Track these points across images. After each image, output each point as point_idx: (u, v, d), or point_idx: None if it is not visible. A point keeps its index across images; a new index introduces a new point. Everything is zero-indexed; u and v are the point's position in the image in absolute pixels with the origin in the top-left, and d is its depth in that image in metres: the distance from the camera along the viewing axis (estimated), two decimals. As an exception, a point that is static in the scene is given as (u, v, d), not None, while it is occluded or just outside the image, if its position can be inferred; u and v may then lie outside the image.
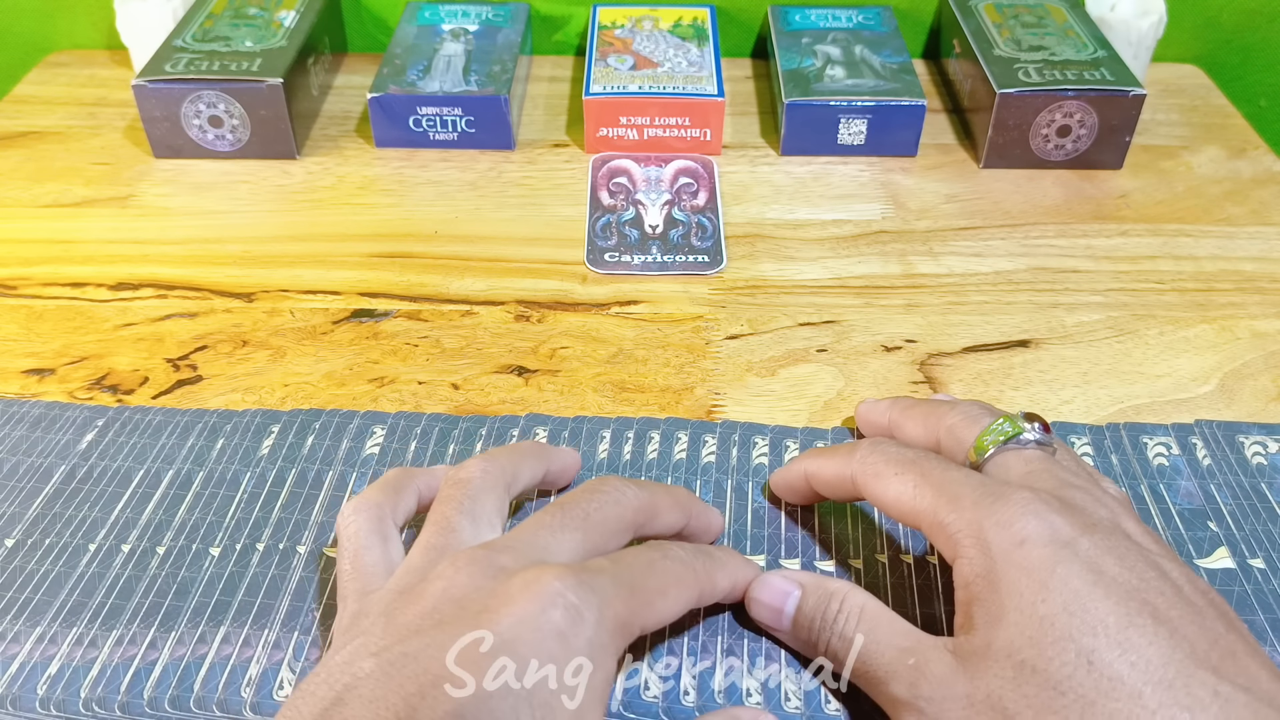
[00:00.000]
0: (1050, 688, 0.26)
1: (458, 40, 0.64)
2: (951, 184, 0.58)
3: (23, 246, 0.53)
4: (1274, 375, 0.45)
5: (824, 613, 0.31)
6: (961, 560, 0.29)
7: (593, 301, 0.49)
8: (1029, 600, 0.27)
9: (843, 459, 0.34)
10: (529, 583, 0.27)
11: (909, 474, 0.31)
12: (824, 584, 0.32)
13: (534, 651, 0.26)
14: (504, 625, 0.26)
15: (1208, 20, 0.70)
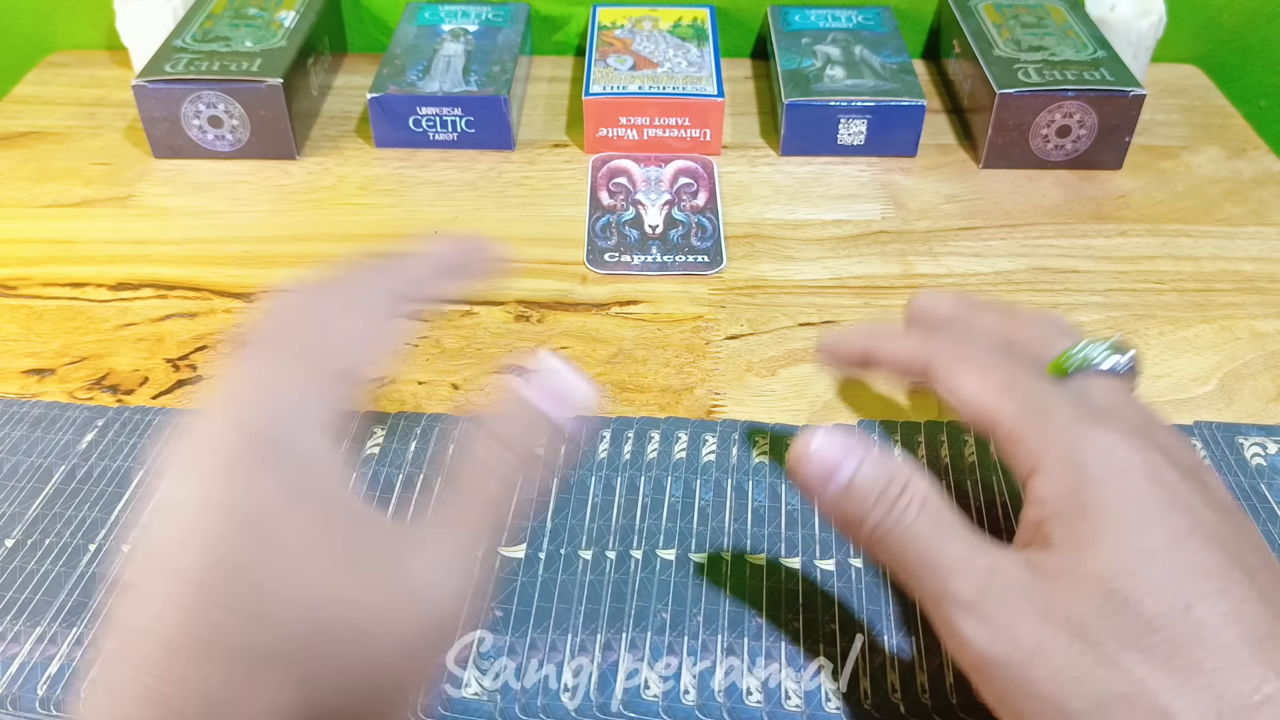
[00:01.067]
0: (1142, 623, 0.24)
1: (458, 40, 0.64)
2: (951, 184, 0.58)
3: (23, 246, 0.53)
4: (1274, 375, 0.45)
5: (885, 491, 0.27)
6: (1042, 476, 0.27)
7: (593, 301, 0.49)
8: (1129, 531, 0.25)
9: (920, 340, 0.31)
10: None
11: (996, 373, 0.29)
12: (887, 460, 0.28)
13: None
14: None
15: (1208, 20, 0.70)
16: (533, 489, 0.27)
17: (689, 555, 0.37)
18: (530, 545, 0.37)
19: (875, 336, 0.33)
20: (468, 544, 0.25)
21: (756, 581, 0.36)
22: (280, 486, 0.23)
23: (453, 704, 0.32)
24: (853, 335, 0.34)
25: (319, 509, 0.23)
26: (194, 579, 0.21)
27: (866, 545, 0.28)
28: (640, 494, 0.39)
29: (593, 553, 0.37)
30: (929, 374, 0.31)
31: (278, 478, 0.23)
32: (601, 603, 0.35)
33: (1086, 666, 0.24)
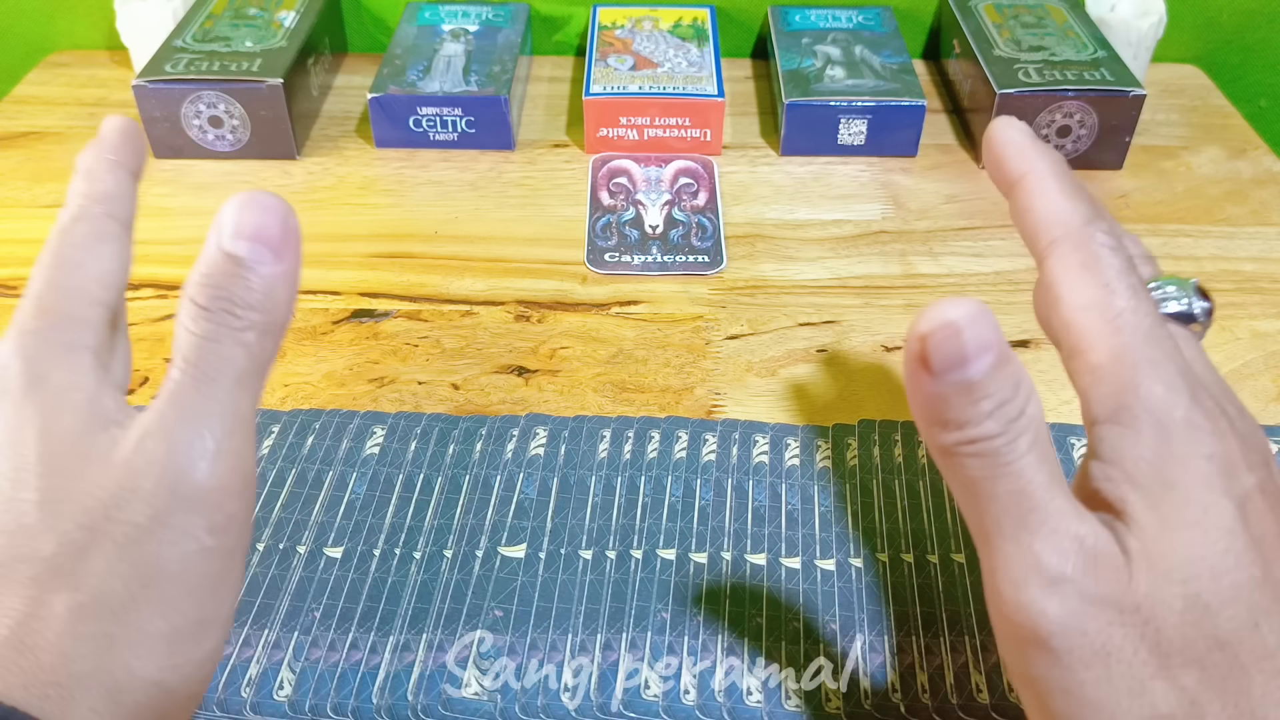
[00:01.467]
0: (1214, 637, 0.22)
1: (458, 40, 0.64)
2: (951, 184, 0.58)
3: (23, 246, 0.53)
4: (1274, 375, 0.45)
5: (1007, 403, 0.23)
6: (1128, 431, 0.24)
7: (593, 301, 0.49)
8: (1215, 523, 0.23)
9: (1068, 202, 0.26)
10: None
11: (1116, 296, 0.24)
12: (1019, 370, 0.23)
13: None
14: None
15: (1208, 20, 0.70)
16: (269, 340, 0.25)
17: (689, 555, 0.37)
18: (530, 545, 0.37)
19: (1029, 178, 0.27)
20: (194, 414, 0.24)
21: (756, 581, 0.36)
22: (31, 414, 0.24)
23: (453, 704, 0.32)
24: (1020, 155, 0.27)
25: (72, 423, 0.24)
26: None
27: (952, 456, 0.23)
28: (640, 494, 0.39)
29: (593, 553, 0.37)
30: (1043, 255, 0.26)
31: (28, 407, 0.24)
32: (602, 602, 0.35)
33: (1145, 678, 0.22)
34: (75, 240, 0.27)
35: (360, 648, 0.34)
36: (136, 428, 0.24)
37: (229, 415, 0.24)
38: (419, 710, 0.32)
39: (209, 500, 0.24)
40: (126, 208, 0.28)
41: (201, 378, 0.24)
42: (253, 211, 0.25)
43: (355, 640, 0.34)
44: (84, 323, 0.26)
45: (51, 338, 0.25)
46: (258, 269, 0.24)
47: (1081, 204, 0.26)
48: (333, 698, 0.33)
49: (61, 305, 0.26)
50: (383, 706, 0.32)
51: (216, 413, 0.24)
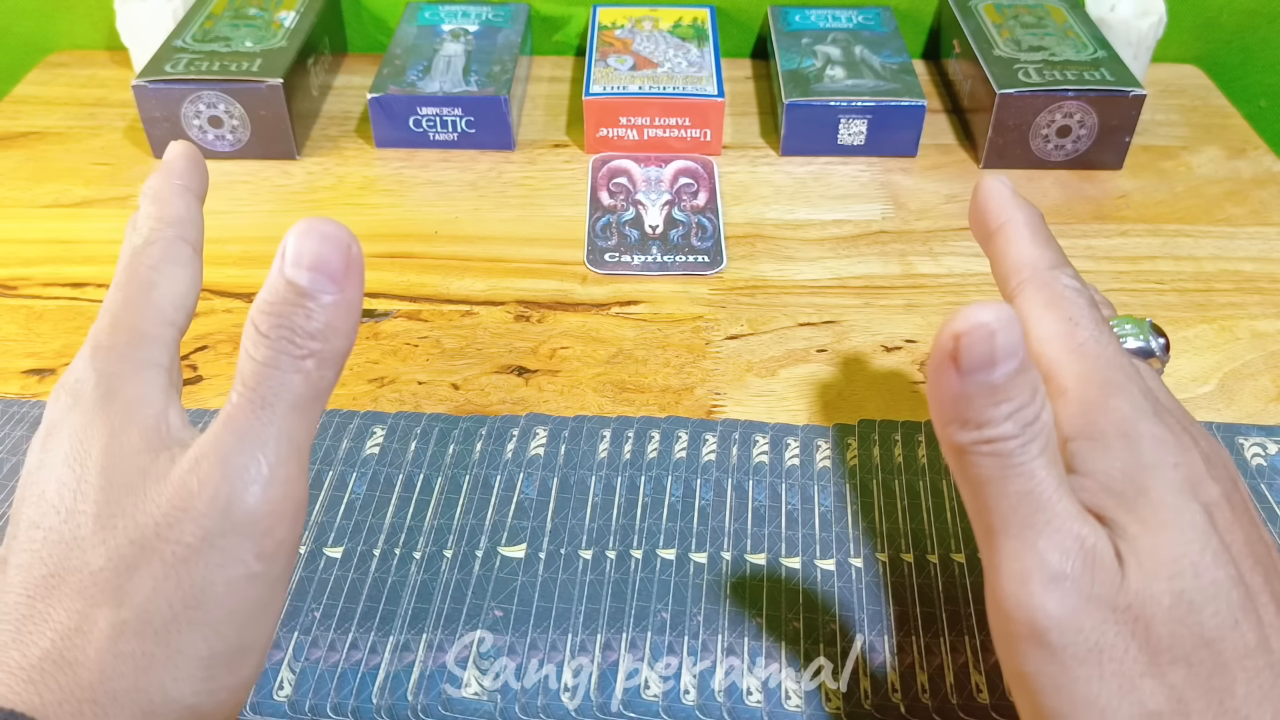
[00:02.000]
0: (1199, 634, 0.23)
1: (458, 40, 0.64)
2: (951, 184, 0.58)
3: (23, 246, 0.53)
4: (1274, 375, 0.45)
5: (1024, 408, 0.23)
6: (1098, 447, 0.25)
7: (593, 301, 0.49)
8: (1189, 530, 0.24)
9: (1037, 249, 0.28)
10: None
11: (1088, 324, 0.26)
12: (1037, 373, 0.24)
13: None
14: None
15: (1208, 20, 0.70)
16: (328, 368, 0.25)
17: (689, 555, 0.37)
18: (530, 545, 0.37)
19: (1007, 226, 0.29)
20: (249, 439, 0.24)
21: (756, 581, 0.36)
22: (101, 428, 0.25)
23: (453, 704, 0.32)
24: (1001, 207, 0.29)
25: (137, 440, 0.25)
26: (27, 526, 0.24)
27: (966, 454, 0.24)
28: (640, 494, 0.39)
29: (593, 552, 0.37)
30: (1012, 294, 0.28)
31: (98, 421, 0.25)
32: (601, 602, 0.35)
33: (1135, 675, 0.23)
34: (149, 262, 0.27)
35: (360, 648, 0.34)
36: (194, 449, 0.24)
37: (284, 441, 0.24)
38: (419, 710, 0.32)
39: (259, 526, 0.24)
40: (196, 231, 0.29)
41: (259, 403, 0.24)
42: (313, 240, 0.24)
43: (355, 640, 0.34)
44: (157, 341, 0.26)
45: (126, 354, 0.26)
46: (319, 298, 0.24)
47: (1049, 251, 0.28)
48: (333, 698, 0.33)
49: (137, 323, 0.26)
50: (383, 706, 0.32)
51: (272, 438, 0.24)
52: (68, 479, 0.24)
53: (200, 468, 0.24)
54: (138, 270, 0.27)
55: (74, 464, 0.24)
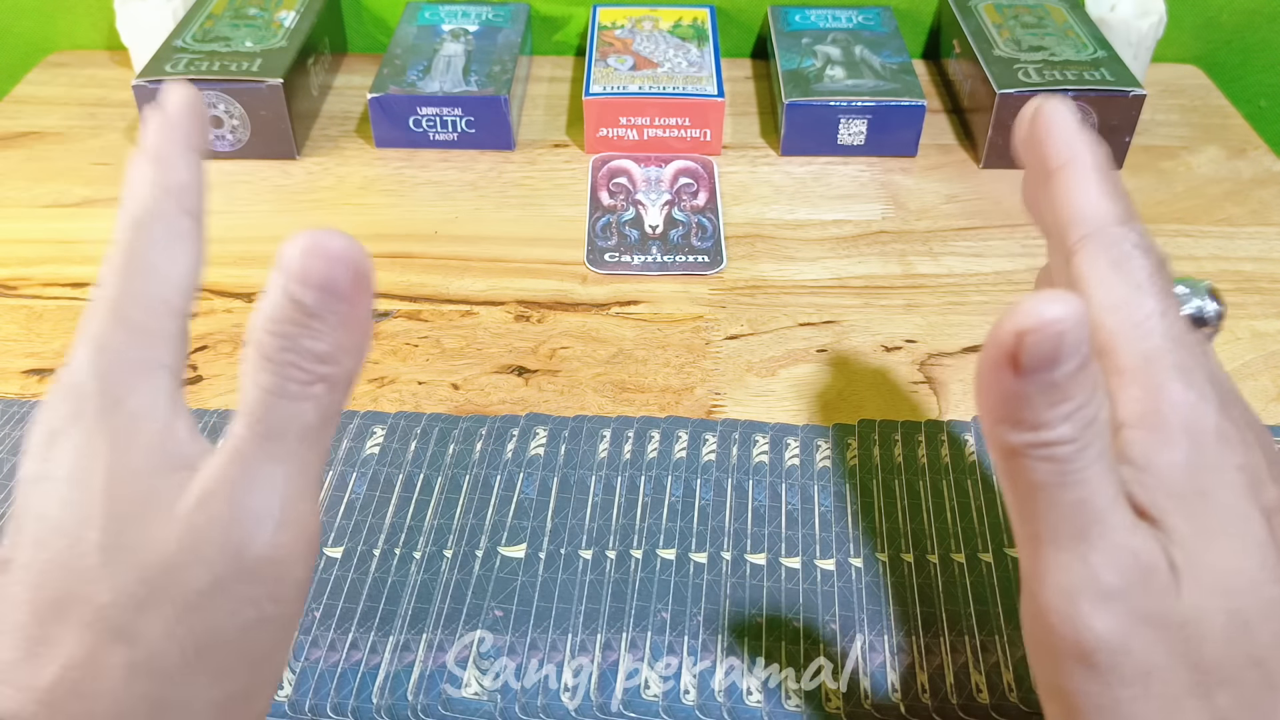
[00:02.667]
0: (1250, 655, 0.22)
1: (458, 40, 0.64)
2: (951, 184, 0.58)
3: (23, 246, 0.53)
4: (1274, 375, 0.45)
5: (1084, 407, 0.21)
6: (1159, 439, 0.23)
7: (593, 301, 0.49)
8: (1249, 542, 0.22)
9: (1107, 200, 0.25)
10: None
11: (1147, 296, 0.24)
12: (1096, 369, 0.22)
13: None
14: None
15: (1208, 20, 0.70)
16: (339, 391, 0.23)
17: (689, 555, 0.37)
18: (530, 545, 0.37)
19: (1072, 167, 0.25)
20: (258, 476, 0.23)
21: (756, 581, 0.36)
22: (104, 446, 0.23)
23: (453, 704, 0.32)
24: (1067, 141, 0.26)
25: (142, 461, 0.23)
26: (31, 543, 0.22)
27: (1020, 457, 0.22)
28: (640, 494, 0.39)
29: (593, 552, 0.37)
30: (1072, 249, 0.25)
31: (100, 437, 0.23)
32: (601, 602, 0.35)
33: (1180, 696, 0.22)
34: (150, 238, 0.24)
35: (360, 648, 0.34)
36: (201, 480, 0.23)
37: (295, 477, 0.23)
38: (419, 710, 0.32)
39: (273, 569, 0.23)
40: (198, 199, 0.26)
41: (266, 435, 0.22)
42: (319, 259, 0.22)
43: (355, 640, 0.34)
44: (161, 336, 0.24)
45: (129, 355, 0.23)
46: (326, 319, 0.22)
47: (1119, 204, 0.25)
48: (333, 698, 0.33)
49: (140, 317, 0.24)
50: (383, 706, 0.32)
51: (282, 475, 0.23)
52: (71, 500, 0.22)
53: (208, 507, 0.22)
54: (137, 250, 0.24)
55: (77, 484, 0.22)
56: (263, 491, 0.22)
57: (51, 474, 0.23)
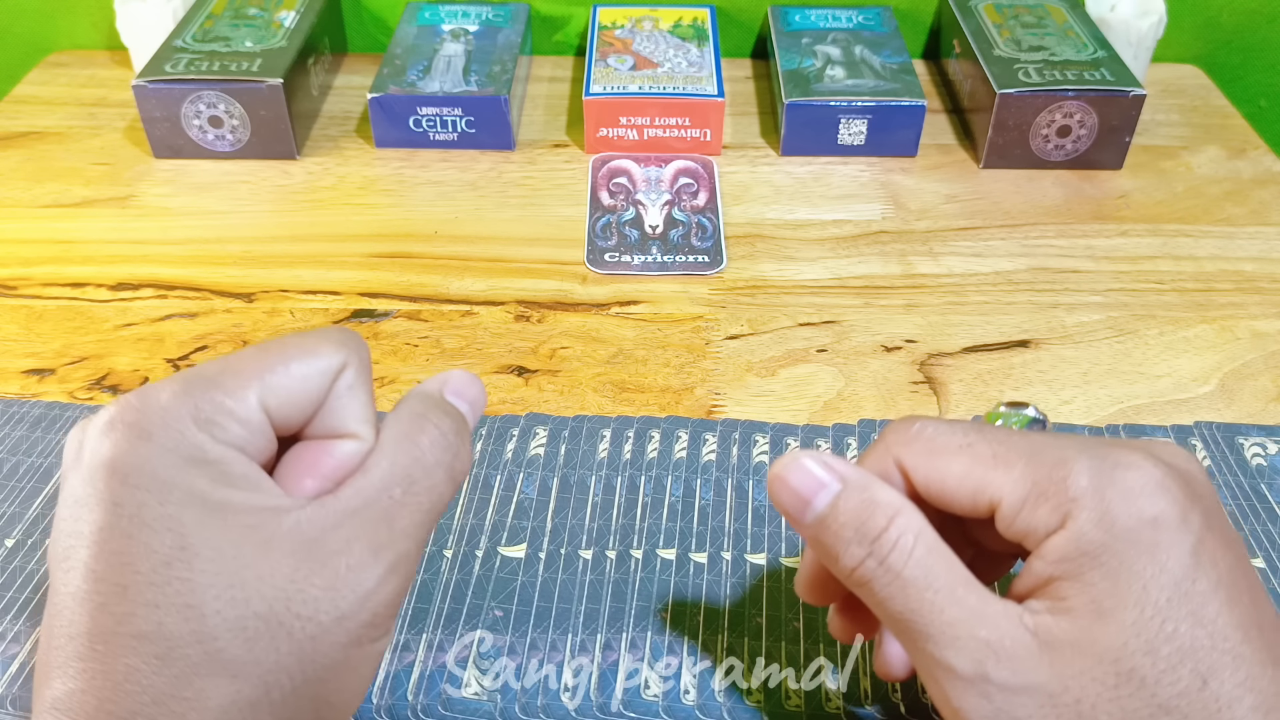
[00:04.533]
0: (1155, 704, 0.22)
1: (458, 40, 0.64)
2: (951, 184, 0.58)
3: (23, 246, 0.53)
4: (1274, 375, 0.45)
5: (864, 525, 0.24)
6: (1069, 532, 0.24)
7: (593, 301, 0.49)
8: (1154, 598, 0.23)
9: (875, 451, 0.27)
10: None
11: (982, 441, 0.25)
12: (871, 488, 0.25)
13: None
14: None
15: (1208, 20, 0.70)
16: (451, 488, 0.26)
17: (689, 555, 0.37)
18: (530, 545, 0.37)
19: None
20: (406, 540, 0.25)
21: (756, 581, 0.36)
22: (189, 492, 0.23)
23: (453, 704, 0.32)
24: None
25: (236, 511, 0.23)
26: (95, 574, 0.22)
27: (853, 585, 0.25)
28: (640, 494, 0.39)
29: (593, 552, 0.37)
30: (904, 475, 0.26)
31: (189, 482, 0.23)
32: (601, 602, 0.35)
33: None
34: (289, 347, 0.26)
35: (360, 648, 0.34)
36: (342, 526, 0.24)
37: (423, 541, 0.26)
38: (419, 710, 0.32)
39: (383, 613, 0.24)
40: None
41: (417, 507, 0.25)
42: (474, 386, 0.28)
43: (355, 640, 0.34)
44: (245, 423, 0.24)
45: (206, 420, 0.24)
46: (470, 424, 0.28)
47: (867, 452, 0.27)
48: (333, 698, 0.33)
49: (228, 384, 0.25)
50: (383, 706, 0.32)
51: (418, 539, 0.25)
52: (149, 541, 0.22)
53: (352, 552, 0.24)
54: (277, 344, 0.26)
55: (156, 527, 0.22)
56: (404, 549, 0.25)
57: (114, 511, 0.22)
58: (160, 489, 0.22)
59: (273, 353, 0.25)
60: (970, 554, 0.27)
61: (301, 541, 0.23)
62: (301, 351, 0.25)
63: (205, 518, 0.23)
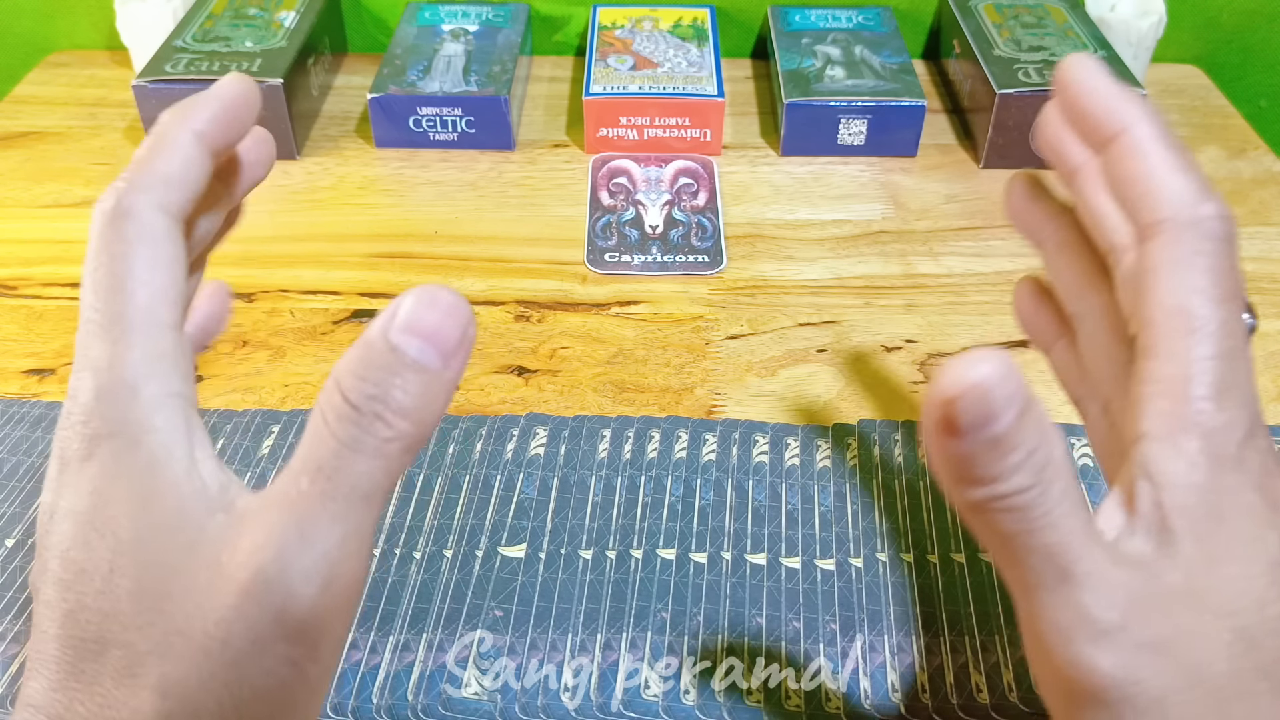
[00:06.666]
0: (1258, 670, 0.22)
1: (458, 40, 0.64)
2: (951, 184, 0.58)
3: (23, 246, 0.53)
4: (1274, 375, 0.45)
5: (1036, 452, 0.21)
6: (1178, 454, 0.22)
7: (593, 301, 0.49)
8: (1258, 558, 0.22)
9: (1180, 176, 0.23)
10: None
11: (1224, 300, 0.23)
12: (1043, 418, 0.21)
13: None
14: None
15: (1208, 20, 0.70)
16: (409, 454, 0.22)
17: (689, 555, 0.37)
18: (530, 545, 0.37)
19: (1131, 136, 0.24)
20: (316, 535, 0.22)
21: (756, 581, 0.36)
22: (125, 491, 0.22)
23: (453, 704, 0.32)
24: (1117, 107, 0.24)
25: (172, 508, 0.22)
26: (55, 582, 0.22)
27: (984, 512, 0.22)
28: (640, 493, 0.39)
29: (593, 552, 0.37)
30: (1145, 233, 0.24)
31: (121, 481, 0.22)
32: (601, 602, 0.35)
33: (1198, 716, 0.22)
34: (121, 245, 0.24)
35: (360, 648, 0.34)
36: (250, 532, 0.22)
37: (352, 537, 0.22)
38: (419, 710, 0.32)
39: (319, 628, 0.22)
40: (182, 194, 0.25)
41: (332, 494, 0.21)
42: (433, 311, 0.21)
43: (355, 640, 0.34)
44: (165, 361, 0.23)
45: (136, 387, 0.22)
46: (420, 372, 0.21)
47: (1194, 179, 0.23)
48: (333, 698, 0.33)
49: (136, 342, 0.23)
50: (383, 706, 0.32)
51: (340, 534, 0.21)
52: (96, 545, 0.22)
53: (256, 562, 0.21)
54: (114, 255, 0.24)
55: (100, 529, 0.22)
56: (316, 551, 0.21)
57: (66, 511, 0.22)
58: (105, 490, 0.22)
59: (141, 257, 0.24)
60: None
61: (216, 547, 0.22)
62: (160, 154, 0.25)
63: (138, 519, 0.22)
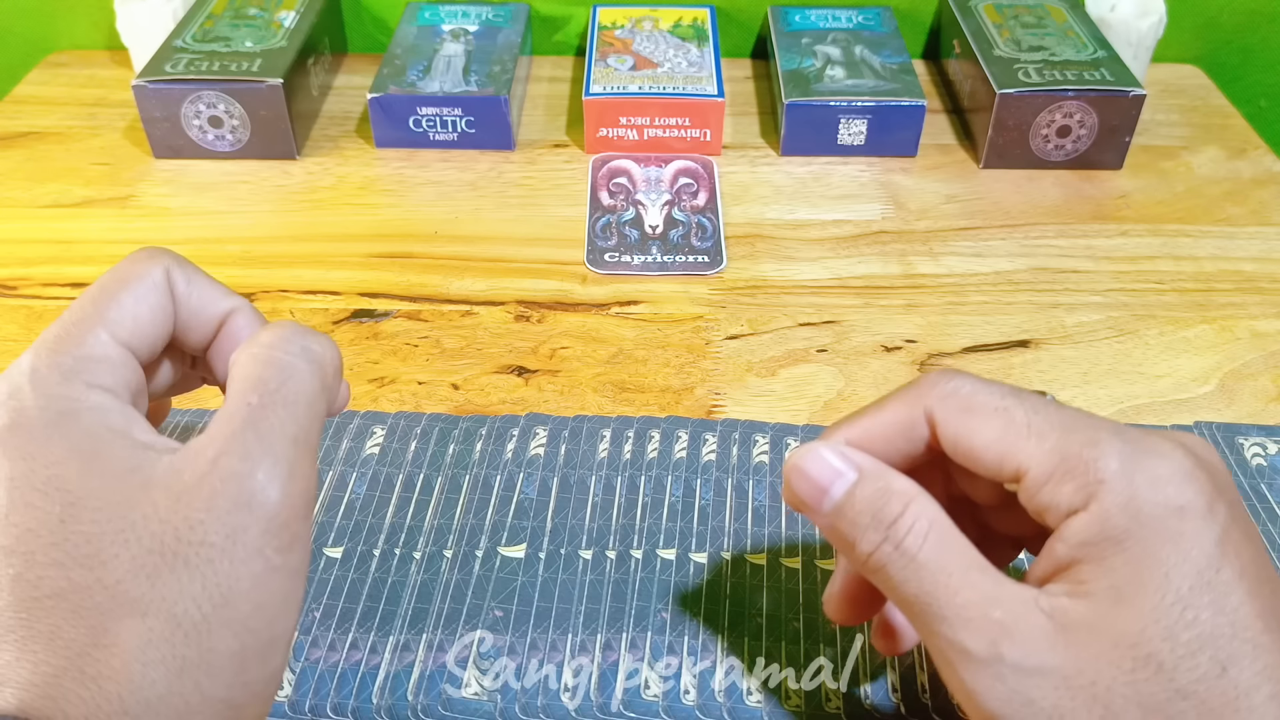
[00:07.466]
0: (1172, 689, 0.23)
1: (458, 40, 0.64)
2: (951, 184, 0.58)
3: (23, 246, 0.53)
4: (1274, 375, 0.45)
5: (880, 511, 0.25)
6: (1093, 514, 0.24)
7: (593, 301, 0.49)
8: (1175, 585, 0.23)
9: (906, 398, 0.27)
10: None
11: (1018, 407, 0.25)
12: (886, 476, 0.26)
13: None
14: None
15: (1208, 20, 0.70)
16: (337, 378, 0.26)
17: (689, 555, 0.37)
18: (530, 545, 0.37)
19: (846, 429, 0.27)
20: (273, 438, 0.25)
21: (756, 581, 0.36)
22: (64, 447, 0.24)
23: (453, 704, 0.32)
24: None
25: (117, 461, 0.24)
26: (5, 549, 0.23)
27: (868, 573, 0.26)
28: (640, 494, 0.39)
29: (593, 552, 0.37)
30: (933, 430, 0.26)
31: (54, 438, 0.24)
32: (602, 602, 0.35)
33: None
34: (125, 285, 0.27)
35: (360, 648, 0.34)
36: (208, 450, 0.24)
37: (302, 439, 0.25)
38: (419, 710, 0.32)
39: (279, 520, 0.24)
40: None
41: (281, 401, 0.25)
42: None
43: (355, 640, 0.34)
44: (102, 362, 0.26)
45: (69, 371, 0.25)
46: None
47: (894, 395, 0.27)
48: (333, 698, 0.33)
49: (82, 335, 0.26)
50: (383, 706, 0.32)
51: (292, 435, 0.25)
52: (39, 504, 0.23)
53: (221, 466, 0.24)
54: (102, 288, 0.27)
55: (42, 488, 0.23)
56: (277, 451, 0.24)
57: (4, 478, 0.24)
58: (43, 453, 0.24)
59: (103, 292, 0.26)
60: (976, 536, 0.27)
61: (175, 473, 0.24)
62: (121, 281, 0.27)
63: (87, 470, 0.24)
